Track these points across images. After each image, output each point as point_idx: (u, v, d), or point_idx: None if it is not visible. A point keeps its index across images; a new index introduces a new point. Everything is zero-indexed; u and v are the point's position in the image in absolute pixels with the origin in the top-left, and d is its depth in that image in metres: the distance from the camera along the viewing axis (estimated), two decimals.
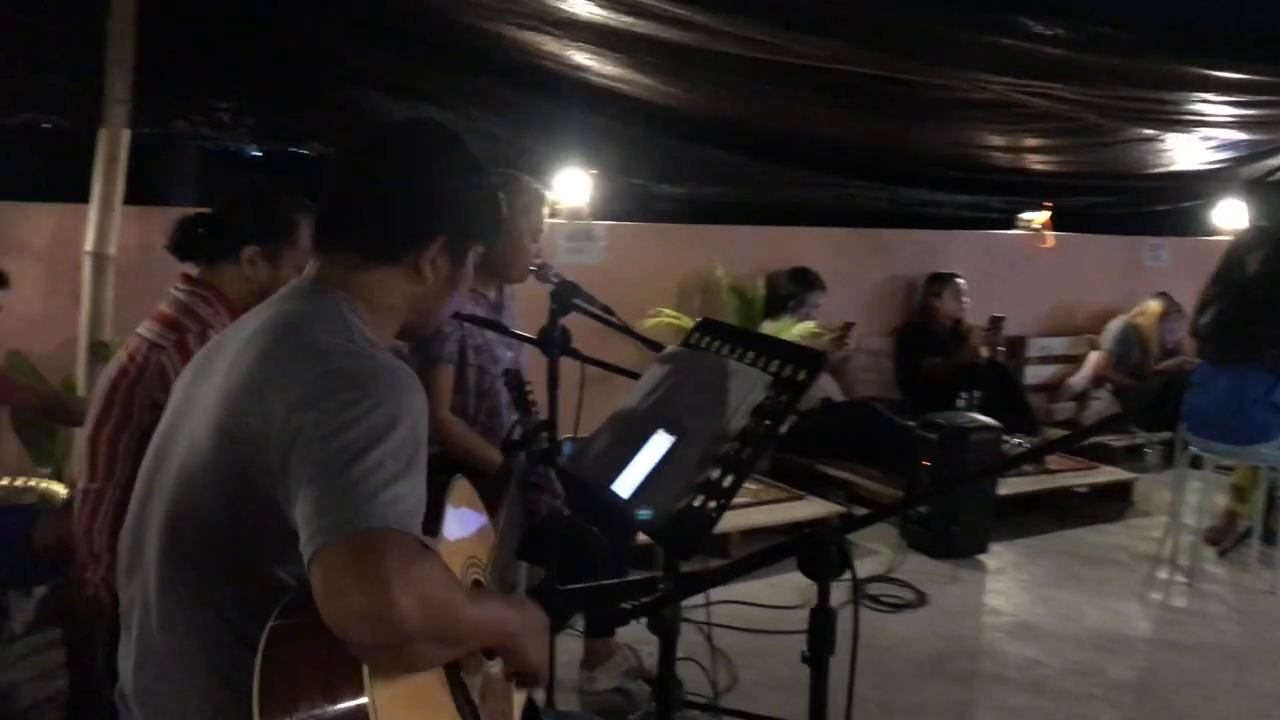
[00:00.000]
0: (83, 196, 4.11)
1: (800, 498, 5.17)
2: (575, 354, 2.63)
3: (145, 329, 2.52)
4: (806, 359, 1.97)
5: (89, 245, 4.11)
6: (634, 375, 2.90)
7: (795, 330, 5.62)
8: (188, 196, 4.97)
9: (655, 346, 2.65)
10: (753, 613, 4.01)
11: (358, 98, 4.87)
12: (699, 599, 3.64)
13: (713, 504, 1.91)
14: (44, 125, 4.08)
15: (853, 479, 5.57)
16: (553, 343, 2.57)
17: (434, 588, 1.29)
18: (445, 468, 2.00)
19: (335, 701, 1.30)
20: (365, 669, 1.30)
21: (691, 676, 3.24)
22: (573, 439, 2.53)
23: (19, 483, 3.80)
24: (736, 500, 5.09)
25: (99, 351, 3.96)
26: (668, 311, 5.69)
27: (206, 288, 2.50)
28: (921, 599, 4.49)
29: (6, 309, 3.97)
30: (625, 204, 5.93)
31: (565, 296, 2.66)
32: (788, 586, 4.40)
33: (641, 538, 3.36)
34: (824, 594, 1.70)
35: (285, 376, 1.45)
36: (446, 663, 1.43)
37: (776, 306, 5.95)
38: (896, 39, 4.10)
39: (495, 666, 1.66)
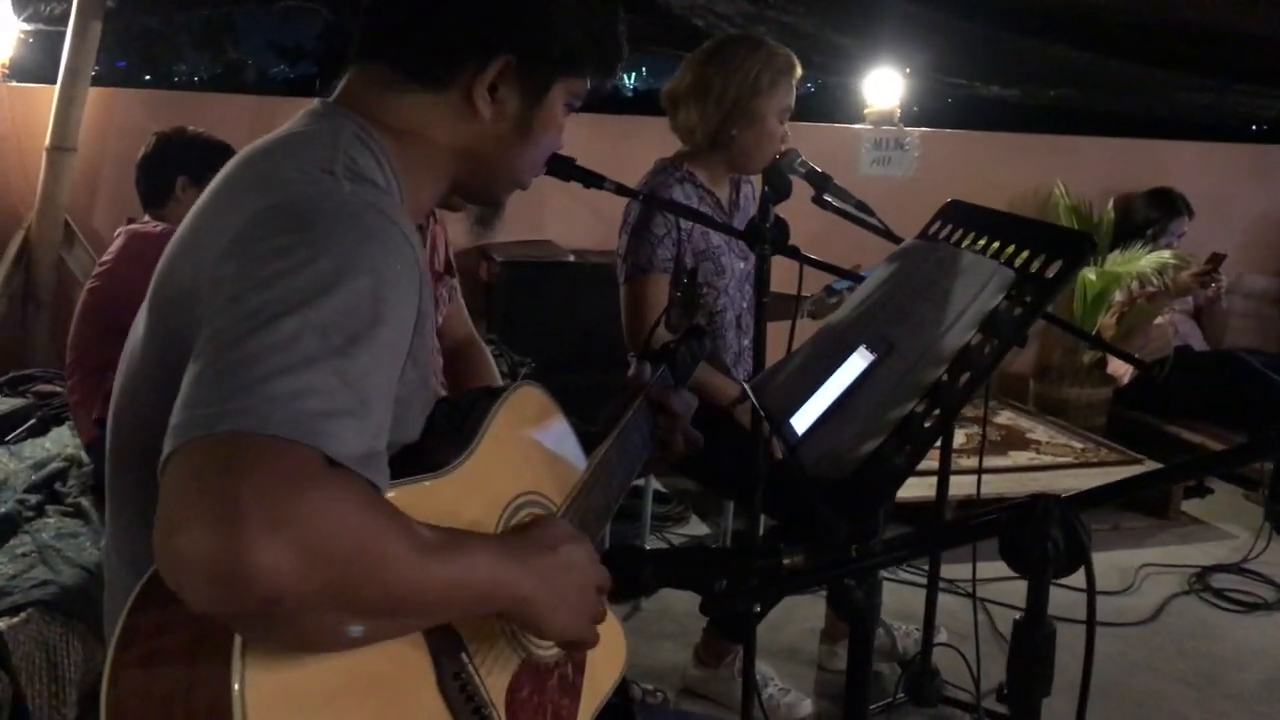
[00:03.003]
0: None
1: (1137, 462, 4.29)
2: (793, 252, 2.06)
3: None
4: (1066, 244, 1.31)
5: None
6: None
7: (1145, 261, 4.67)
8: None
9: None
10: (1055, 595, 3.29)
11: None
12: (965, 572, 3.02)
13: (905, 451, 1.32)
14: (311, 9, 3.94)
15: (1209, 444, 4.57)
16: (761, 236, 2.00)
17: (330, 529, 0.81)
18: None
19: (194, 681, 0.87)
20: (237, 640, 0.85)
21: (956, 668, 2.63)
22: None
23: None
24: (1053, 459, 4.37)
25: None
26: None
27: None
28: None
29: None
30: (944, 108, 5.17)
31: (781, 180, 2.09)
32: (1108, 565, 3.66)
33: None
34: (1036, 600, 1.07)
35: (225, 215, 1.03)
36: (393, 638, 0.95)
37: (1128, 233, 5.02)
38: None
39: (550, 649, 1.18)
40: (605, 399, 1.59)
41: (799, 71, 2.60)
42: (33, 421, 3.27)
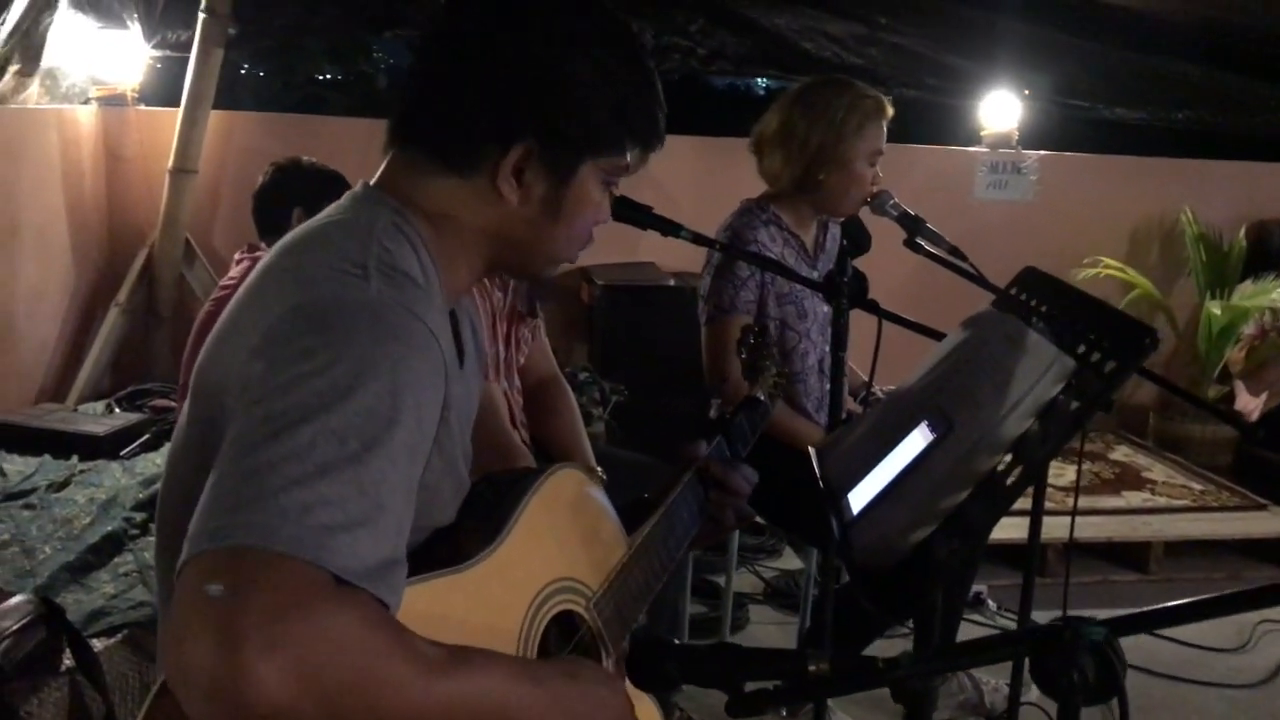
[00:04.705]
0: None
1: (1261, 507, 4.06)
2: (871, 306, 2.01)
3: None
4: (1127, 338, 1.25)
5: None
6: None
7: (1278, 293, 4.43)
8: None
9: None
10: (1164, 650, 3.15)
11: (754, 11, 4.40)
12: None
13: (953, 545, 1.27)
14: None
15: None
16: (839, 290, 1.96)
17: (329, 652, 0.82)
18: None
19: None
20: None
21: None
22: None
23: None
24: (1169, 501, 4.19)
25: None
26: (1110, 262, 4.74)
27: None
28: None
29: None
30: (1064, 131, 4.99)
31: (860, 233, 2.04)
32: (1222, 619, 3.47)
33: None
34: None
35: (258, 310, 1.05)
36: None
37: (1260, 263, 4.78)
38: None
39: None
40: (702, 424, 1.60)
41: (890, 113, 2.54)
42: (146, 437, 3.40)
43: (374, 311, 1.00)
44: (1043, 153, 4.85)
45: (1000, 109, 4.75)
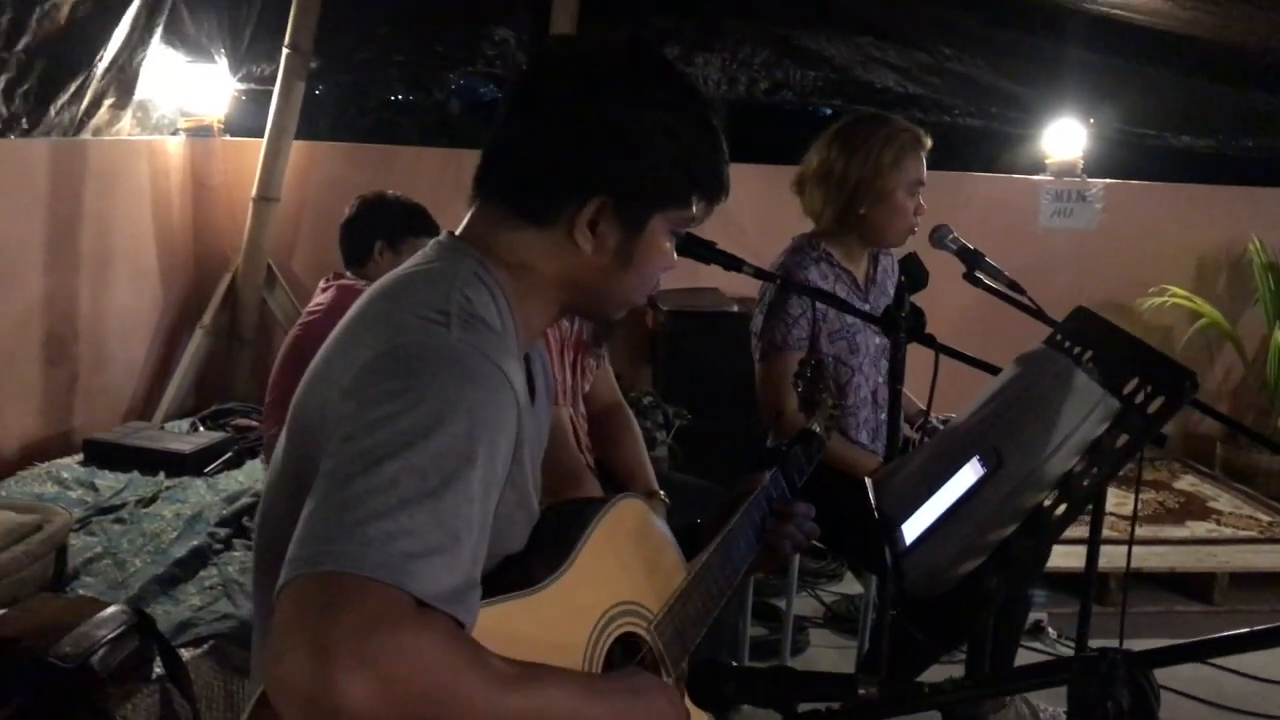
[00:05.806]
0: None
1: None
2: (928, 340, 2.07)
3: None
4: (1171, 380, 1.30)
5: None
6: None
7: None
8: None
9: None
10: (1228, 682, 3.14)
11: (818, 42, 4.47)
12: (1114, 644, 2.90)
13: (999, 577, 1.33)
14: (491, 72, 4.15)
15: None
16: (897, 324, 2.03)
17: (411, 668, 0.91)
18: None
19: None
20: None
21: None
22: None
23: None
24: (1234, 532, 4.14)
25: None
26: (1177, 291, 4.72)
27: None
28: None
29: None
30: (1130, 159, 4.97)
31: (917, 270, 2.10)
32: None
33: None
34: None
35: (350, 352, 1.15)
36: None
37: None
38: None
39: None
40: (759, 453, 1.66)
41: (927, 145, 2.60)
42: (229, 455, 3.55)
43: (454, 357, 1.10)
44: (1107, 181, 4.84)
45: (1065, 137, 4.76)
